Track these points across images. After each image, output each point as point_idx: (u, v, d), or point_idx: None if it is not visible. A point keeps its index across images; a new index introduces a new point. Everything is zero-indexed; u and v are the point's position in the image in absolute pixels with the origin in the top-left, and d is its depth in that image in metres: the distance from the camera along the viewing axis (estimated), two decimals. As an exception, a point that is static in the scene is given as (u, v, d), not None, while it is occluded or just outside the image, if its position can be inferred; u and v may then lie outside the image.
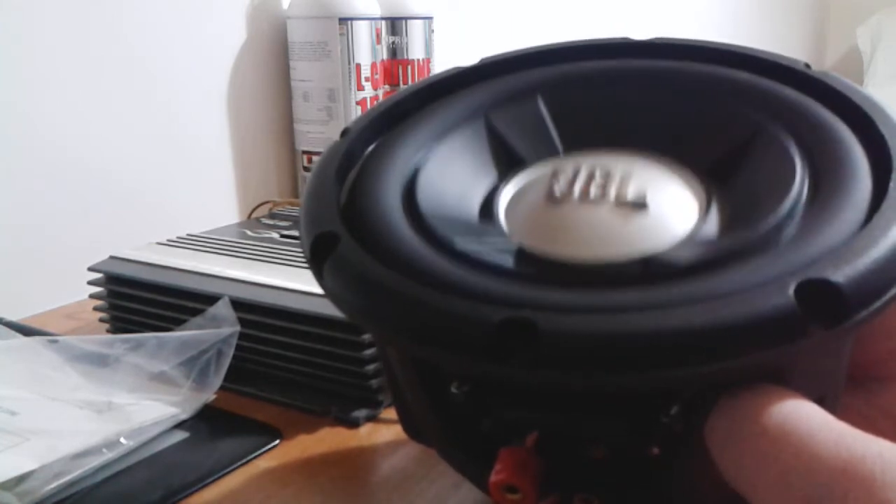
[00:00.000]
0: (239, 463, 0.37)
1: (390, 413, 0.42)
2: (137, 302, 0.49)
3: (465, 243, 0.26)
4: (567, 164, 0.29)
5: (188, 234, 0.56)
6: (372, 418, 0.42)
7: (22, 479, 0.34)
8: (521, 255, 0.26)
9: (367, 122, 0.31)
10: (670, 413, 0.23)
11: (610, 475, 0.26)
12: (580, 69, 0.33)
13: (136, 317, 0.49)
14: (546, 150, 0.31)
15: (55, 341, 0.44)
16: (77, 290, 0.54)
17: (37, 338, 0.45)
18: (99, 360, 0.43)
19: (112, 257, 0.51)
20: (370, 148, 0.31)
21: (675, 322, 0.21)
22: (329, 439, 0.40)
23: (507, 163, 0.30)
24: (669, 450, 0.25)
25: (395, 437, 0.40)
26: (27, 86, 0.60)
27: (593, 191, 0.27)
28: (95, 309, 0.51)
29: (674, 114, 0.30)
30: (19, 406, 0.39)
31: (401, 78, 0.84)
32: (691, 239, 0.26)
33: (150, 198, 0.69)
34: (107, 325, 0.51)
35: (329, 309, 0.42)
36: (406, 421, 0.33)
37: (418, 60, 0.84)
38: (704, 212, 0.27)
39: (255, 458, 0.38)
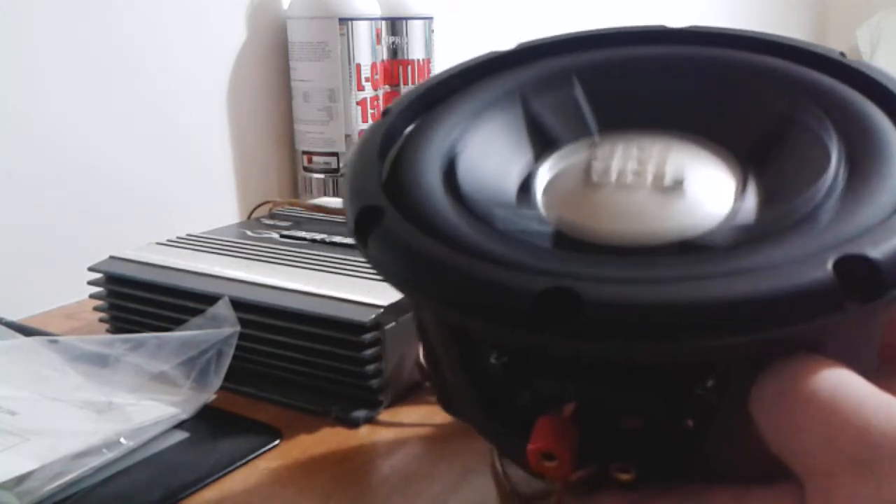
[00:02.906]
0: (239, 463, 0.37)
1: (390, 413, 0.42)
2: (137, 302, 0.49)
3: (504, 222, 0.27)
4: (604, 146, 0.30)
5: (188, 235, 0.56)
6: (372, 418, 0.42)
7: (22, 479, 0.34)
8: (560, 236, 0.27)
9: (406, 103, 0.32)
10: (706, 386, 0.24)
11: (645, 445, 0.26)
12: (616, 55, 0.33)
13: (136, 317, 0.49)
14: (581, 131, 0.31)
15: (55, 341, 0.44)
16: (77, 290, 0.54)
17: (37, 338, 0.45)
18: (99, 360, 0.43)
19: (112, 257, 0.51)
20: (410, 128, 0.31)
21: (715, 293, 0.22)
22: (329, 439, 0.40)
23: (543, 142, 0.31)
24: (704, 422, 0.25)
25: (395, 437, 0.40)
26: (27, 86, 0.60)
27: (630, 175, 0.28)
28: (95, 309, 0.51)
29: (710, 99, 0.31)
30: (19, 406, 0.39)
31: (401, 78, 0.84)
32: (728, 222, 0.26)
33: (150, 198, 0.69)
34: (107, 325, 0.51)
35: (329, 309, 0.42)
36: (442, 395, 0.33)
37: (418, 61, 0.84)
38: (741, 194, 0.27)
39: (255, 458, 0.38)
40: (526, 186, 0.30)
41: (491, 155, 0.30)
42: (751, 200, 0.27)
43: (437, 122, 0.31)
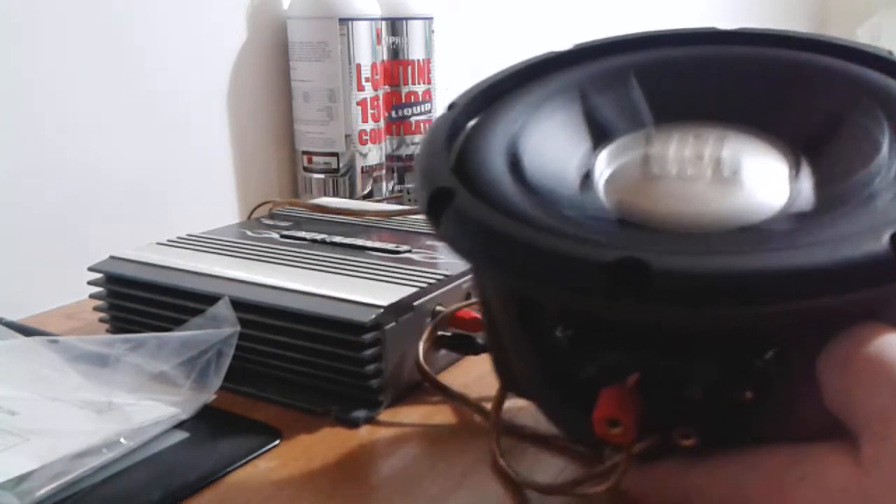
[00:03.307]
0: (239, 463, 0.37)
1: (390, 413, 0.42)
2: (137, 302, 0.49)
3: (570, 207, 0.29)
4: (661, 137, 0.32)
5: (188, 235, 0.56)
6: (372, 418, 0.42)
7: (22, 479, 0.34)
8: (623, 222, 0.29)
9: (470, 97, 0.34)
10: (765, 358, 0.26)
11: (706, 414, 0.27)
12: (672, 54, 0.35)
13: (136, 317, 0.49)
14: (638, 124, 0.33)
15: (55, 341, 0.44)
16: (77, 290, 0.54)
17: (37, 338, 0.45)
18: (99, 360, 0.43)
19: (112, 257, 0.51)
20: (474, 121, 0.33)
21: (779, 262, 0.23)
22: (329, 439, 0.40)
23: (601, 135, 0.33)
24: (763, 392, 0.26)
25: (395, 437, 0.40)
26: (27, 87, 0.60)
27: (690, 166, 0.30)
28: (95, 309, 0.51)
29: (762, 95, 0.32)
30: (19, 406, 0.39)
31: (401, 78, 0.84)
32: (786, 210, 0.28)
33: (151, 198, 0.69)
34: (107, 325, 0.51)
35: (329, 309, 0.42)
36: (505, 375, 0.34)
37: (418, 61, 0.84)
38: (796, 182, 0.29)
39: (255, 458, 0.38)
40: (587, 177, 0.31)
41: (552, 146, 0.32)
42: (806, 188, 0.29)
43: (501, 114, 0.33)
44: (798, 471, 0.25)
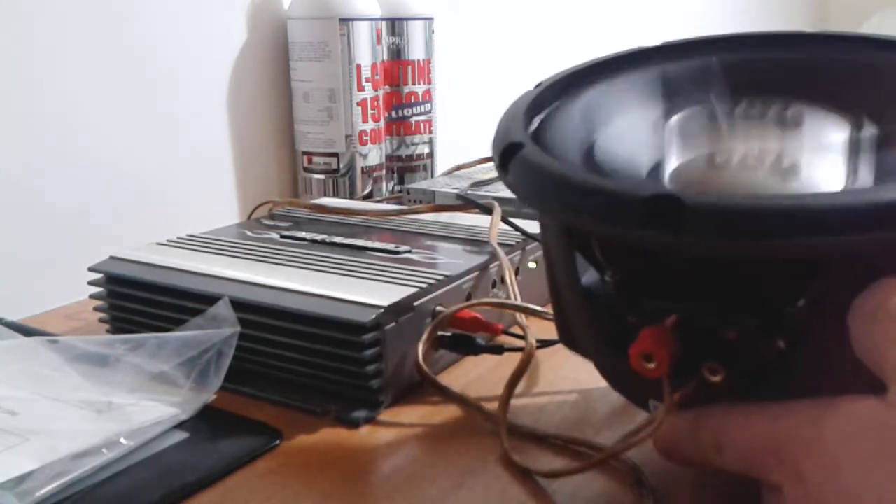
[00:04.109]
0: (239, 463, 0.37)
1: (390, 413, 0.42)
2: (137, 302, 0.49)
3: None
4: (727, 120, 0.35)
5: (188, 235, 0.56)
6: (372, 419, 0.42)
7: (22, 479, 0.34)
8: None
9: (557, 79, 0.37)
10: (797, 305, 0.28)
11: (738, 353, 0.29)
12: (755, 54, 0.38)
13: (136, 317, 0.49)
14: (710, 113, 0.36)
15: (55, 341, 0.44)
16: (77, 290, 0.54)
17: (37, 338, 0.45)
18: (99, 361, 0.43)
19: (112, 257, 0.51)
20: (556, 102, 0.36)
21: (804, 202, 0.25)
22: (329, 439, 0.40)
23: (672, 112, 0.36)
24: (794, 342, 0.28)
25: (395, 438, 0.40)
26: (27, 87, 0.60)
27: (751, 158, 0.32)
28: (95, 309, 0.51)
29: (832, 87, 0.35)
30: (19, 406, 0.39)
31: (401, 79, 0.84)
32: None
33: (151, 198, 0.69)
34: (107, 326, 0.51)
35: (329, 309, 0.42)
36: (563, 330, 0.37)
37: (419, 61, 0.84)
38: (854, 176, 0.32)
39: (255, 458, 0.38)
40: (656, 168, 0.34)
41: (627, 137, 0.35)
42: (864, 180, 0.31)
43: (583, 98, 0.36)
44: (830, 410, 0.26)
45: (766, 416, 0.28)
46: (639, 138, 0.35)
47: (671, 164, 0.34)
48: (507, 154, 0.32)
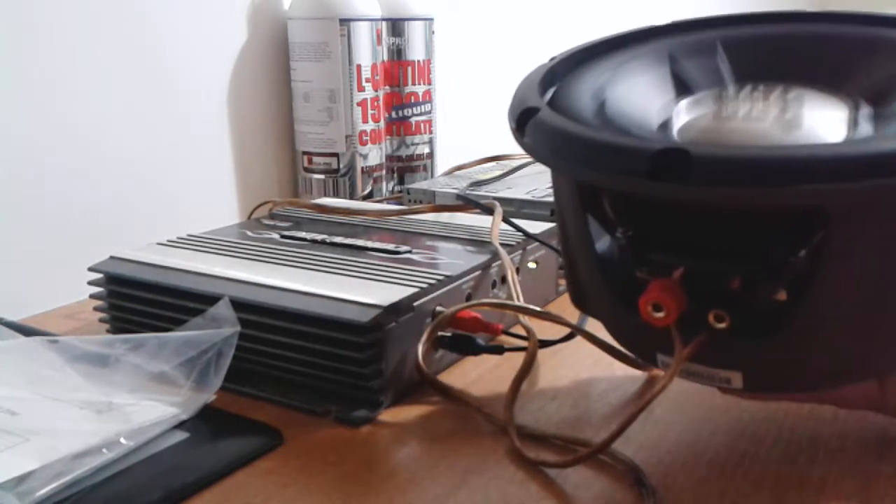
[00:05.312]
0: (239, 463, 0.37)
1: (390, 413, 0.42)
2: (137, 302, 0.49)
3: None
4: (733, 89, 0.37)
5: (188, 235, 0.56)
6: (372, 419, 0.42)
7: (22, 479, 0.34)
8: None
9: (569, 54, 0.39)
10: (798, 255, 0.29)
11: (742, 303, 0.31)
12: (759, 30, 0.39)
13: (136, 317, 0.49)
14: (719, 83, 0.38)
15: (55, 341, 0.44)
16: (77, 290, 0.54)
17: (37, 338, 0.45)
18: (99, 361, 0.43)
19: (112, 257, 0.51)
20: (568, 76, 0.38)
21: (803, 152, 0.27)
22: (329, 439, 0.40)
23: (683, 89, 0.38)
24: (795, 294, 0.30)
25: (395, 438, 0.40)
26: (27, 87, 0.60)
27: (755, 110, 0.34)
28: (95, 309, 0.51)
29: (831, 62, 0.36)
30: (19, 406, 0.39)
31: (401, 79, 0.84)
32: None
33: (151, 198, 0.69)
34: (107, 326, 0.51)
35: (329, 309, 0.42)
36: (575, 290, 0.38)
37: (419, 61, 0.84)
38: (854, 128, 0.33)
39: (255, 458, 0.38)
40: (664, 126, 0.36)
41: (636, 96, 0.37)
42: (864, 132, 0.32)
43: (595, 67, 0.38)
44: None
45: None
46: (648, 99, 0.37)
47: (680, 120, 0.36)
48: (523, 118, 0.33)
